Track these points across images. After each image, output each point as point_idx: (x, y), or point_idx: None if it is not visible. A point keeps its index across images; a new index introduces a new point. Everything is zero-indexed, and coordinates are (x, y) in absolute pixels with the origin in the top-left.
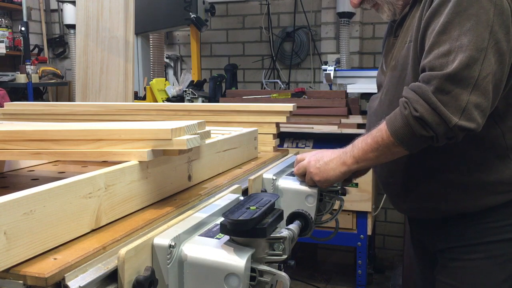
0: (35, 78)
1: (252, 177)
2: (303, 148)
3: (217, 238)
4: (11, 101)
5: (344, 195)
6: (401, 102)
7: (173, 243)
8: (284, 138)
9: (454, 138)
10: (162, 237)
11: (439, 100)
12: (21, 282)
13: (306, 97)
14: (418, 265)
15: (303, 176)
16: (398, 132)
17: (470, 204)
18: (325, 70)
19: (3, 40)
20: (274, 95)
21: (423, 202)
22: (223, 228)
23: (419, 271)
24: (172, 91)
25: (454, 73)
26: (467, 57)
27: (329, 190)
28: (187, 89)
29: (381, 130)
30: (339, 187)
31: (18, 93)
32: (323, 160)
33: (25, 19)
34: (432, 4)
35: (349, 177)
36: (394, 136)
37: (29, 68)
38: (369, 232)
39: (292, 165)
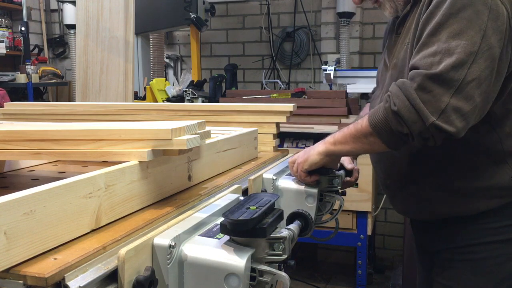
0: (35, 78)
1: (252, 177)
2: (303, 148)
3: (217, 238)
4: (11, 101)
5: (344, 195)
6: (385, 95)
7: (173, 243)
8: (284, 138)
9: (431, 139)
10: (162, 237)
11: (419, 97)
12: (21, 282)
13: (306, 97)
14: (419, 266)
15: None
16: (376, 123)
17: (466, 207)
18: (325, 70)
19: (3, 40)
20: (274, 95)
21: (419, 204)
22: (223, 228)
23: (420, 272)
24: (172, 91)
25: (438, 73)
26: (454, 60)
27: (329, 190)
28: (187, 89)
29: (363, 119)
30: (339, 187)
31: (18, 93)
32: (309, 149)
33: (25, 19)
34: (429, 7)
35: (347, 182)
36: (372, 126)
37: (29, 68)
38: (369, 232)
39: None
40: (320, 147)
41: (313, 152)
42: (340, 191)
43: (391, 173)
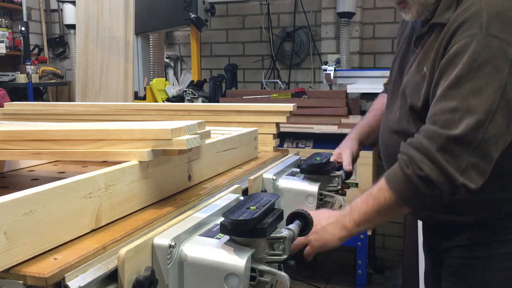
0: (35, 78)
1: (252, 177)
2: (303, 148)
3: (217, 238)
4: (11, 101)
5: (344, 195)
6: (401, 160)
7: (173, 243)
8: (284, 138)
9: (458, 195)
10: (162, 237)
11: (444, 159)
12: (21, 282)
13: (306, 97)
14: (428, 264)
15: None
16: (402, 192)
17: (489, 215)
18: (325, 70)
19: (3, 40)
20: (274, 95)
21: (438, 213)
22: (223, 228)
23: (429, 270)
24: (172, 91)
25: (460, 136)
26: (475, 121)
27: (329, 190)
28: (187, 89)
29: (382, 190)
30: (339, 186)
31: (18, 93)
32: (320, 224)
33: (25, 19)
34: (449, 50)
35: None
36: (398, 197)
37: (29, 68)
38: (369, 232)
39: (292, 165)
40: (339, 232)
41: (332, 238)
42: (340, 191)
43: None
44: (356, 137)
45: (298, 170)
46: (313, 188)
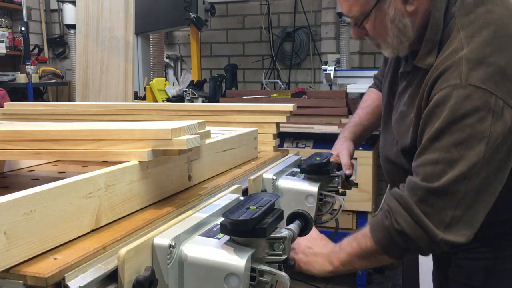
0: (35, 78)
1: (252, 177)
2: (303, 148)
3: (217, 238)
4: (11, 101)
5: (344, 195)
6: (384, 209)
7: (173, 243)
8: (284, 138)
9: (440, 249)
10: (162, 237)
11: (422, 212)
12: (21, 282)
13: (306, 97)
14: (434, 265)
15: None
16: (381, 242)
17: (497, 231)
18: (325, 70)
19: (3, 40)
20: (274, 95)
21: None
22: (223, 228)
23: (435, 271)
24: (172, 91)
25: (440, 188)
26: (457, 173)
27: (329, 190)
28: (187, 89)
29: (365, 236)
30: (339, 187)
31: (18, 93)
32: (313, 250)
33: (25, 19)
34: (431, 98)
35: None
36: (378, 245)
37: (29, 68)
38: None
39: (292, 165)
40: (327, 266)
41: (319, 269)
42: (340, 191)
43: None
44: (351, 136)
45: (298, 170)
46: (313, 188)
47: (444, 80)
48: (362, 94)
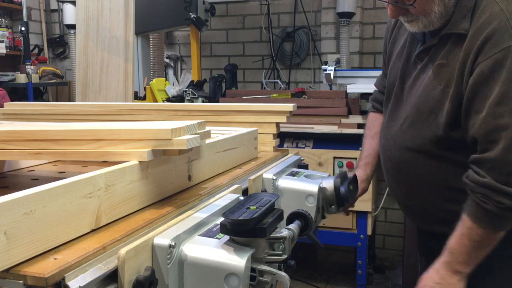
0: (35, 78)
1: (252, 177)
2: (303, 148)
3: (217, 238)
4: (11, 101)
5: (324, 218)
6: (475, 196)
7: (173, 243)
8: (284, 138)
9: None
10: (162, 237)
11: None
12: (21, 282)
13: (306, 97)
14: (424, 264)
15: None
16: (494, 225)
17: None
18: (325, 70)
19: (3, 40)
20: (274, 95)
21: (443, 225)
22: (223, 228)
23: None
24: (172, 91)
25: None
26: None
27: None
28: (187, 89)
29: (471, 229)
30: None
31: (18, 93)
32: (430, 285)
33: (25, 19)
34: (479, 64)
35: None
36: (493, 228)
37: (29, 68)
38: (369, 232)
39: (292, 165)
40: (457, 277)
41: (455, 283)
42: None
43: (414, 196)
44: (367, 169)
45: (298, 170)
46: (314, 188)
47: (494, 44)
48: (362, 94)
